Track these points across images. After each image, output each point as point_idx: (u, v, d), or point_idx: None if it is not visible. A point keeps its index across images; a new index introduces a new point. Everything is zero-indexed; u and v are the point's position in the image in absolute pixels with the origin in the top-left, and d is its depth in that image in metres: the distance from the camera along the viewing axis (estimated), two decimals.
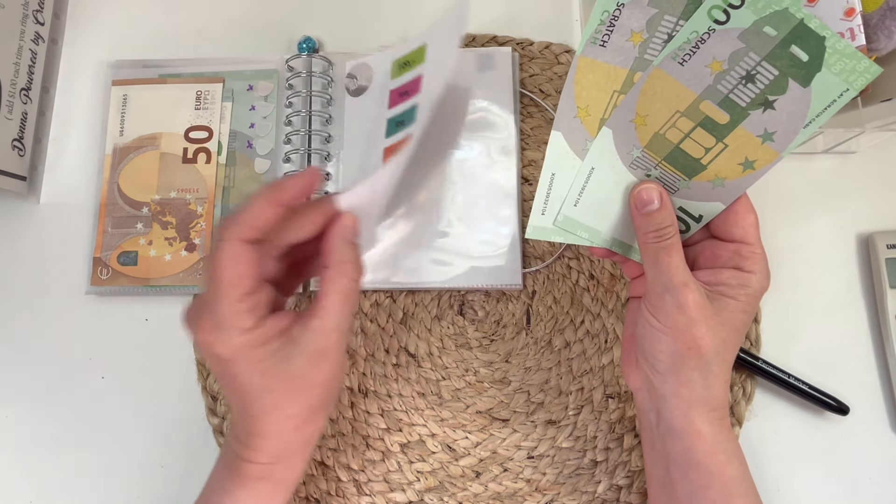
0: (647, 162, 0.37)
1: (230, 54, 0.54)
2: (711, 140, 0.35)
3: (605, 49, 0.35)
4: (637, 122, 0.36)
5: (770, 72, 0.32)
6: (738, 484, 0.37)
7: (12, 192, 0.49)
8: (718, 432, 0.36)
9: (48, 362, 0.49)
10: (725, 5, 0.31)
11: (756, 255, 0.36)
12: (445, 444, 0.48)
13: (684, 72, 0.34)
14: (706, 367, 0.36)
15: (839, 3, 0.45)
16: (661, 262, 0.36)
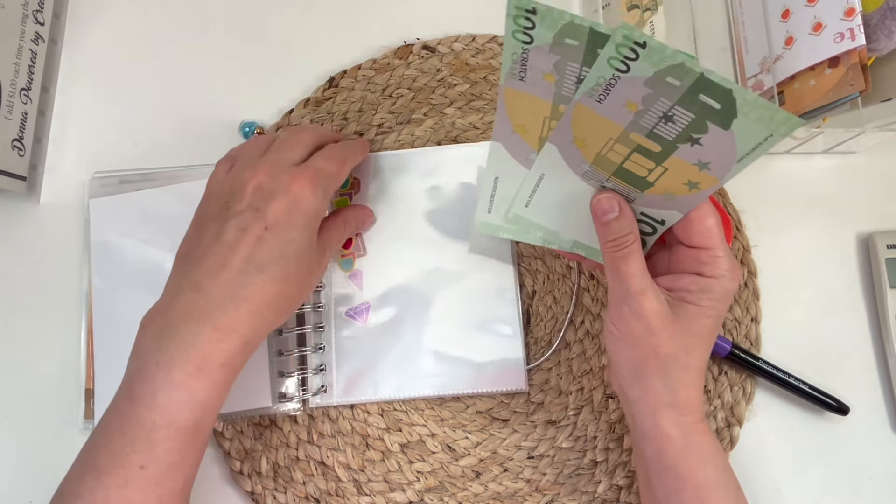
0: (598, 175, 0.37)
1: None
2: (651, 163, 0.34)
3: (525, 83, 0.34)
4: (577, 144, 0.36)
5: (686, 114, 0.31)
6: (712, 487, 0.36)
7: (12, 192, 0.49)
8: (689, 436, 0.36)
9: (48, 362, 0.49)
10: (622, 57, 0.29)
11: (717, 259, 0.36)
12: (445, 444, 0.48)
13: (604, 108, 0.32)
14: (667, 374, 0.36)
15: (839, 3, 0.45)
16: (620, 270, 0.36)
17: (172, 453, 0.34)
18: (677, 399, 0.36)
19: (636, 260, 0.36)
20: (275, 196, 0.38)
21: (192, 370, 0.34)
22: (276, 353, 0.47)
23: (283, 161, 0.40)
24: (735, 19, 0.54)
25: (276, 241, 0.37)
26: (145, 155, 0.53)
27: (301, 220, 0.38)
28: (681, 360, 0.36)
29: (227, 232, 0.37)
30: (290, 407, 0.47)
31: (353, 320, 0.48)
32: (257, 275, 0.36)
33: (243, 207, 0.38)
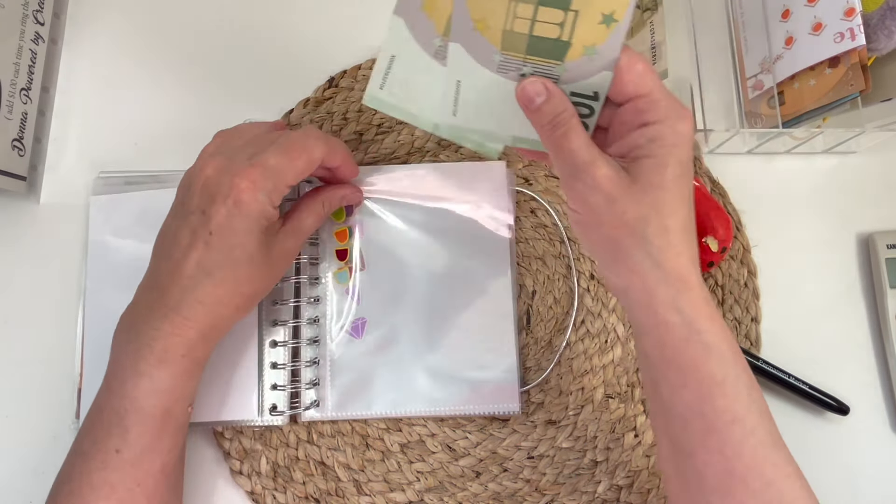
0: (513, 63, 0.35)
1: None
2: (559, 14, 0.32)
3: None
4: (479, 28, 0.34)
5: None
6: (717, 383, 0.32)
7: (12, 192, 0.49)
8: (691, 322, 0.32)
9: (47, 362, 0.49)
10: None
11: (656, 101, 0.33)
12: (445, 444, 0.48)
13: None
14: (644, 241, 0.32)
15: (839, 3, 0.45)
16: (563, 149, 0.34)
17: (144, 437, 0.37)
18: (667, 271, 0.32)
19: (577, 134, 0.34)
20: (216, 199, 0.38)
21: (154, 361, 0.37)
22: (269, 365, 0.47)
23: (238, 154, 0.39)
24: (735, 19, 0.54)
25: (223, 246, 0.38)
26: (146, 155, 0.53)
27: (243, 224, 0.38)
28: (654, 222, 0.32)
29: (180, 233, 0.39)
30: (275, 420, 0.47)
31: (348, 335, 0.48)
32: (206, 278, 0.38)
33: (192, 208, 0.39)
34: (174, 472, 0.40)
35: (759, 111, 0.51)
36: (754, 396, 0.33)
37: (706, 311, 0.33)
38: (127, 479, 0.37)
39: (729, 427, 0.32)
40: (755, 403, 0.33)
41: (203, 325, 0.38)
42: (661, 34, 0.47)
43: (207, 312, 0.38)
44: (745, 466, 0.32)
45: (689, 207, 0.33)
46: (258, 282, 0.40)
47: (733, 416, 0.32)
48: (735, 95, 0.53)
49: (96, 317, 0.48)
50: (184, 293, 0.38)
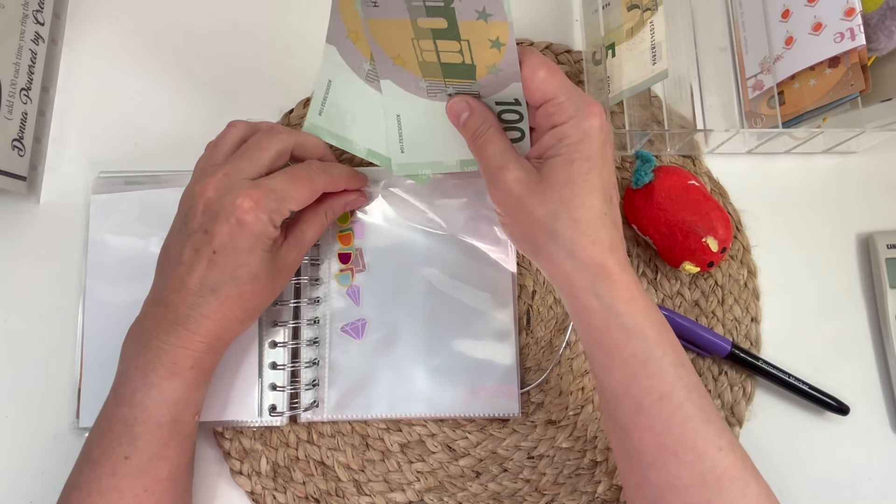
0: (437, 86, 0.39)
1: None
2: (455, 43, 0.35)
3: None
4: (399, 63, 0.38)
5: None
6: (640, 363, 0.34)
7: (12, 192, 0.49)
8: (610, 305, 0.34)
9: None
10: None
11: (560, 104, 0.35)
12: (445, 444, 0.48)
13: (383, 9, 0.34)
14: (555, 235, 0.34)
15: (839, 3, 0.45)
16: (482, 157, 0.37)
17: (153, 445, 0.38)
18: (581, 260, 0.34)
19: (493, 142, 0.37)
20: (219, 218, 0.38)
21: (164, 373, 0.38)
22: (269, 365, 0.47)
23: (238, 173, 0.39)
24: (735, 19, 0.54)
25: (226, 264, 0.38)
26: (146, 155, 0.53)
27: (246, 243, 0.38)
28: (562, 216, 0.34)
29: (184, 252, 0.39)
30: (274, 421, 0.47)
31: (348, 336, 0.48)
32: (211, 296, 0.39)
33: (196, 227, 0.39)
34: (182, 479, 0.41)
35: (759, 111, 0.51)
36: (681, 373, 0.34)
37: (625, 295, 0.34)
38: (135, 486, 0.38)
39: (656, 405, 0.34)
40: (681, 381, 0.34)
41: (210, 337, 0.39)
42: (661, 34, 0.47)
43: (213, 326, 0.39)
44: (674, 441, 0.34)
45: (605, 197, 0.35)
46: (262, 296, 0.41)
47: (659, 394, 0.34)
48: (735, 95, 0.53)
49: (96, 316, 0.48)
50: (190, 309, 0.38)
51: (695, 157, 0.53)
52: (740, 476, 0.34)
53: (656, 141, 0.52)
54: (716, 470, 0.34)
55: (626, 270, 0.35)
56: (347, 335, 0.48)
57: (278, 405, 0.47)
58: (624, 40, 0.50)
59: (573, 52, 0.55)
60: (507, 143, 0.38)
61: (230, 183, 0.39)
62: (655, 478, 0.34)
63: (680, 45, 0.50)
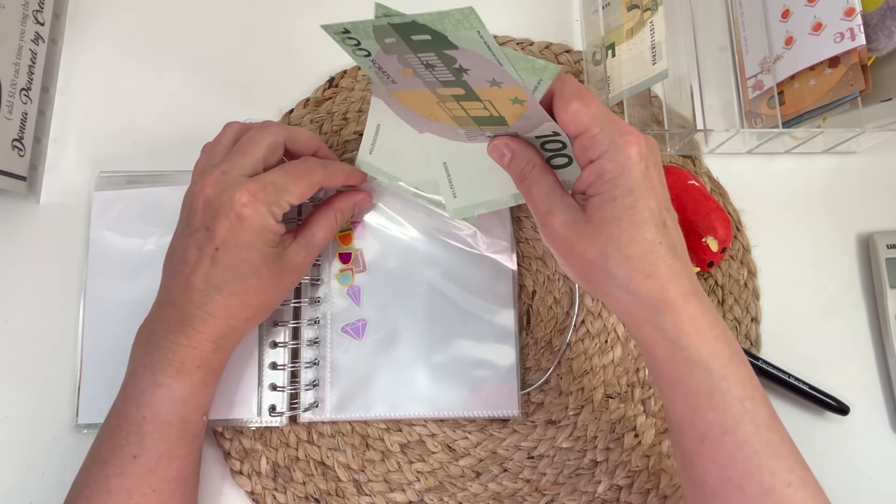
0: (474, 132, 0.39)
1: None
2: (477, 103, 0.35)
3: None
4: (433, 119, 0.39)
5: (429, 55, 0.32)
6: (705, 397, 0.33)
7: (12, 192, 0.49)
8: (674, 338, 0.33)
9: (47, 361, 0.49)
10: (353, 47, 0.34)
11: (593, 137, 0.33)
12: (445, 444, 0.48)
13: (403, 85, 0.36)
14: (610, 275, 0.34)
15: (839, 3, 0.45)
16: (529, 201, 0.37)
17: (161, 444, 0.38)
18: (640, 296, 0.33)
19: (538, 183, 0.37)
20: (219, 215, 0.38)
21: (172, 372, 0.39)
22: (269, 366, 0.47)
23: (235, 170, 0.39)
24: (735, 19, 0.54)
25: (229, 260, 0.38)
26: (146, 155, 0.53)
27: (247, 238, 0.38)
28: (613, 256, 0.33)
29: (188, 251, 0.39)
30: (274, 421, 0.47)
31: (349, 336, 0.48)
32: (216, 293, 0.39)
33: (197, 225, 0.39)
34: (189, 480, 0.41)
35: (759, 111, 0.51)
36: (748, 407, 0.33)
37: (690, 327, 0.33)
38: (143, 485, 0.38)
39: (719, 438, 0.33)
40: (748, 415, 0.33)
41: (216, 336, 0.39)
42: (661, 34, 0.47)
43: (219, 325, 0.39)
44: (738, 475, 0.33)
45: (657, 227, 0.33)
46: (267, 294, 0.41)
47: (722, 428, 0.33)
48: (735, 95, 0.53)
49: (96, 315, 0.48)
50: (196, 308, 0.39)
51: (695, 157, 0.53)
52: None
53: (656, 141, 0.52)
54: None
55: (690, 300, 0.33)
56: (348, 335, 0.48)
57: (278, 405, 0.47)
58: (624, 40, 0.50)
59: (573, 52, 0.55)
60: (552, 182, 0.37)
61: (228, 179, 0.39)
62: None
63: (680, 45, 0.50)
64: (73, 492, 0.40)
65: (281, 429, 0.47)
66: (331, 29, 0.34)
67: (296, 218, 0.48)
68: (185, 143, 0.53)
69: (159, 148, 0.53)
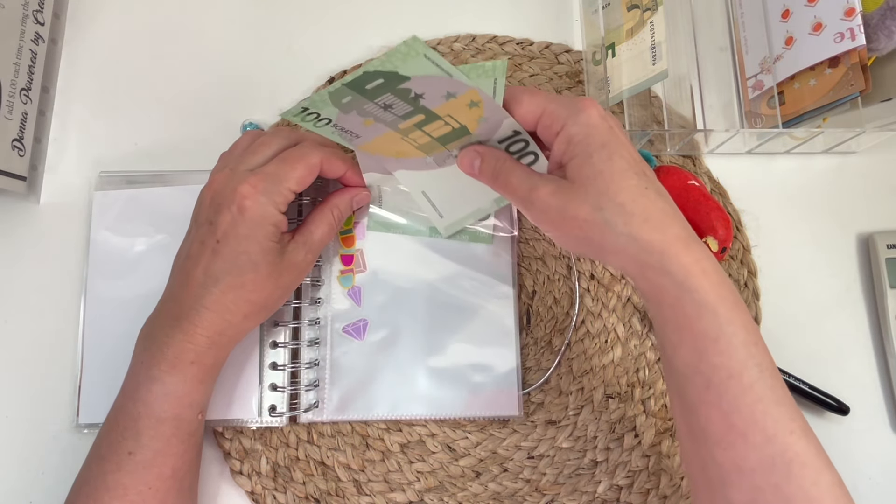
0: (441, 156, 0.41)
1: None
2: (439, 122, 0.38)
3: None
4: (400, 156, 0.42)
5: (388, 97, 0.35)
6: (712, 341, 0.33)
7: (12, 192, 0.49)
8: (681, 281, 0.33)
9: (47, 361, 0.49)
10: (314, 121, 0.37)
11: (552, 113, 0.36)
12: (445, 444, 0.48)
13: (366, 135, 0.39)
14: (609, 226, 0.34)
15: (839, 3, 0.45)
16: (509, 189, 0.38)
17: (156, 440, 0.39)
18: (643, 242, 0.34)
19: (513, 172, 0.38)
20: (222, 208, 0.39)
21: (166, 367, 0.39)
22: (269, 366, 0.47)
23: (242, 167, 0.41)
24: (735, 19, 0.54)
25: (228, 253, 0.39)
26: (146, 155, 0.53)
27: (246, 229, 0.39)
28: (607, 207, 0.34)
29: (192, 246, 0.40)
30: (274, 421, 0.47)
31: (350, 337, 0.48)
32: (214, 286, 0.39)
33: (202, 220, 0.40)
34: (186, 478, 0.41)
35: (759, 111, 0.51)
36: (752, 352, 0.33)
37: (697, 269, 0.33)
38: (139, 482, 0.38)
39: (725, 382, 0.33)
40: (753, 359, 0.33)
41: (211, 331, 0.39)
42: (661, 34, 0.47)
43: (215, 319, 0.39)
44: (743, 421, 0.33)
45: (638, 174, 0.35)
46: (265, 290, 0.41)
47: (728, 372, 0.33)
48: (735, 95, 0.53)
49: (96, 315, 0.48)
50: (194, 301, 0.39)
51: (695, 157, 0.53)
52: (813, 463, 0.33)
53: (656, 141, 0.52)
54: (786, 454, 0.32)
55: (691, 244, 0.34)
56: (349, 336, 0.48)
57: (278, 405, 0.47)
58: (624, 40, 0.50)
59: (573, 52, 0.55)
60: (526, 168, 0.38)
61: (233, 175, 0.40)
62: (722, 458, 0.33)
63: (680, 45, 0.50)
64: (74, 488, 0.40)
65: (281, 429, 0.47)
66: (290, 113, 0.36)
67: (297, 218, 0.48)
68: (185, 143, 0.53)
69: (159, 148, 0.53)
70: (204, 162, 0.52)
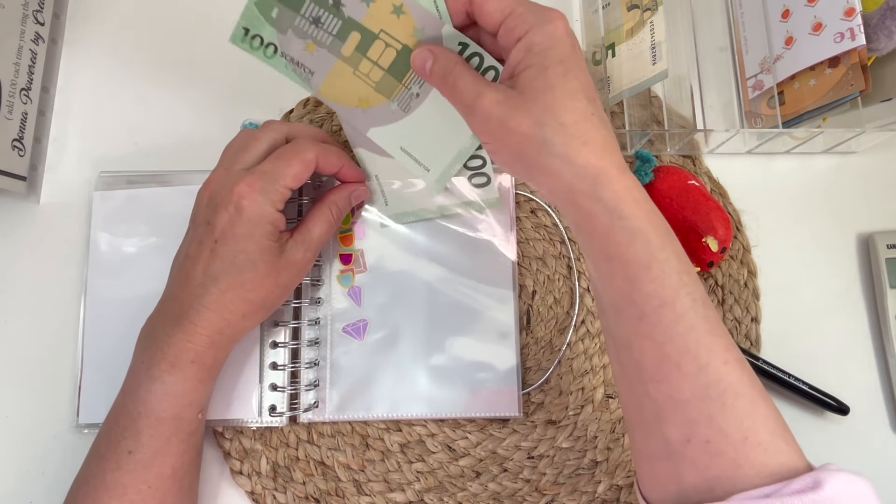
0: (403, 98, 0.41)
1: None
2: (379, 43, 0.39)
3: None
4: (362, 105, 0.42)
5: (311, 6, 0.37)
6: (643, 268, 0.32)
7: (12, 192, 0.49)
8: (612, 208, 0.32)
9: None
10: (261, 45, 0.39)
11: (519, 15, 0.34)
12: (445, 444, 0.48)
13: (318, 70, 0.40)
14: (547, 144, 0.33)
15: (839, 3, 0.45)
16: (455, 95, 0.36)
17: (155, 440, 0.39)
18: (578, 165, 0.32)
19: (463, 76, 0.36)
20: (219, 208, 0.39)
21: (166, 366, 0.39)
22: (269, 366, 0.47)
23: (236, 165, 0.41)
24: (735, 19, 0.54)
25: (226, 252, 0.39)
26: (146, 155, 0.53)
27: (244, 228, 0.39)
28: (549, 123, 0.32)
29: (191, 247, 0.41)
30: (274, 421, 0.47)
31: (350, 337, 0.48)
32: (212, 285, 0.39)
33: (200, 221, 0.41)
34: (186, 478, 0.41)
35: (759, 111, 0.51)
36: (685, 280, 0.32)
37: (628, 197, 0.32)
38: (138, 481, 0.38)
39: (657, 311, 0.32)
40: (685, 287, 0.32)
41: (210, 330, 0.39)
42: (661, 34, 0.47)
43: (214, 318, 0.39)
44: (676, 350, 0.32)
45: (588, 98, 0.34)
46: (264, 289, 0.41)
47: (661, 300, 0.32)
48: (735, 95, 0.53)
49: (96, 315, 0.48)
50: (193, 300, 0.39)
51: (695, 157, 0.53)
52: (748, 394, 0.32)
53: (656, 141, 0.52)
54: (720, 384, 0.31)
55: (625, 172, 0.33)
56: (349, 336, 0.48)
57: (278, 405, 0.47)
58: (624, 40, 0.50)
59: None
60: (476, 74, 0.36)
61: (229, 175, 0.40)
62: (656, 392, 0.32)
63: (680, 45, 0.50)
64: (74, 487, 0.40)
65: (281, 429, 0.47)
66: (235, 38, 0.38)
67: (296, 218, 0.48)
68: (186, 143, 0.53)
69: (159, 148, 0.53)
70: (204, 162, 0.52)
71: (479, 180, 0.46)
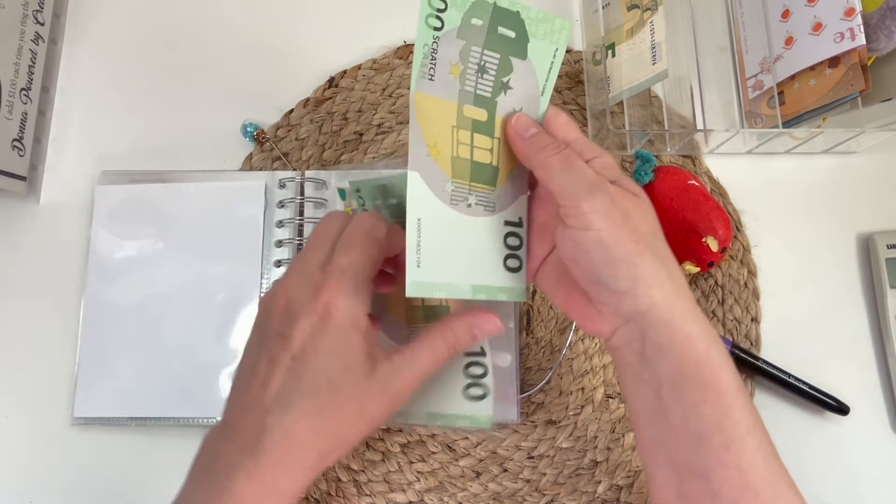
0: (461, 192, 0.36)
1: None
2: (488, 140, 0.36)
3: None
4: (433, 154, 0.35)
5: (494, 57, 0.35)
6: (734, 394, 0.31)
7: (12, 192, 0.49)
8: (709, 332, 0.32)
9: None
10: (436, 11, 0.33)
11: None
12: (445, 445, 0.48)
13: (436, 86, 0.35)
14: (654, 252, 0.32)
15: (839, 3, 0.45)
16: (574, 166, 0.33)
17: None
18: (678, 283, 0.32)
19: (574, 164, 0.33)
20: (299, 318, 0.33)
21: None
22: None
23: (309, 265, 0.34)
24: (735, 19, 0.54)
25: (306, 371, 0.32)
26: (146, 155, 0.53)
27: (330, 341, 0.32)
28: (652, 235, 0.33)
29: (259, 363, 0.33)
30: None
31: None
32: (285, 413, 0.32)
33: (272, 333, 0.33)
34: None
35: (759, 111, 0.51)
36: (750, 400, 0.32)
37: (709, 325, 0.33)
38: None
39: (745, 439, 0.31)
40: (756, 411, 0.32)
41: (280, 477, 0.32)
42: (660, 34, 0.47)
43: (285, 460, 0.32)
44: (759, 478, 0.31)
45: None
46: (345, 417, 0.33)
47: (747, 427, 0.31)
48: (735, 95, 0.53)
49: (95, 312, 0.48)
50: (259, 434, 0.32)
51: (695, 157, 0.53)
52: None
53: (656, 141, 0.52)
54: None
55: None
56: None
57: None
58: (624, 40, 0.50)
59: (573, 52, 0.55)
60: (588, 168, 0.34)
61: (304, 278, 0.34)
62: None
63: (680, 45, 0.50)
64: None
65: None
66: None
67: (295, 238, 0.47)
68: (186, 143, 0.53)
69: (159, 148, 0.53)
70: (204, 162, 0.52)
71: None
